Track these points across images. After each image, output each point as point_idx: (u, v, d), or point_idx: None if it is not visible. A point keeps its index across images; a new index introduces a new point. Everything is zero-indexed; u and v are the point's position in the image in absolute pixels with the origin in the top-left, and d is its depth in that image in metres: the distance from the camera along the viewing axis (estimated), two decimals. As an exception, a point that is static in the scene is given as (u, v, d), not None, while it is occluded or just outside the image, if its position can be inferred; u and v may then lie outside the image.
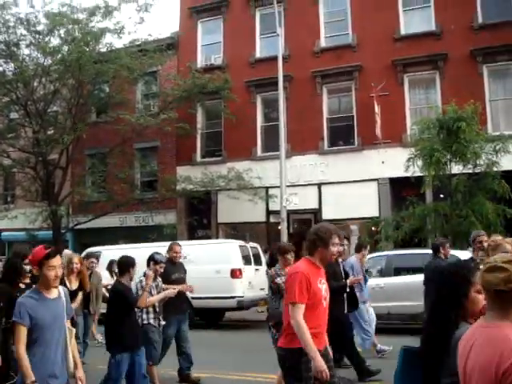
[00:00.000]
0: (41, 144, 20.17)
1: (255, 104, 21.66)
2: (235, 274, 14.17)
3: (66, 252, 11.17)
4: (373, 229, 17.58)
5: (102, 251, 14.59)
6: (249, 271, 14.75)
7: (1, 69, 20.91)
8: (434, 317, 3.09)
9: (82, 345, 9.49)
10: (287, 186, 17.33)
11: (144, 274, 7.22)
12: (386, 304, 11.52)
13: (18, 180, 23.15)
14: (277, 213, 18.08)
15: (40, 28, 20.18)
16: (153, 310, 7.34)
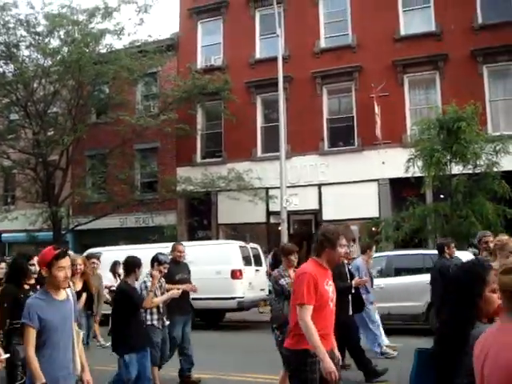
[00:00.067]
0: (41, 145, 20.19)
1: (255, 105, 21.66)
2: (235, 274, 14.16)
3: (69, 253, 11.14)
4: (373, 229, 17.56)
5: (103, 252, 14.60)
6: (249, 272, 14.73)
7: (1, 70, 20.95)
8: (449, 317, 3.07)
9: (86, 346, 9.48)
10: (287, 187, 17.33)
11: (150, 274, 7.21)
12: (387, 304, 11.50)
13: (18, 181, 23.17)
14: (277, 213, 18.07)
15: (40, 29, 20.21)
16: (157, 310, 7.31)
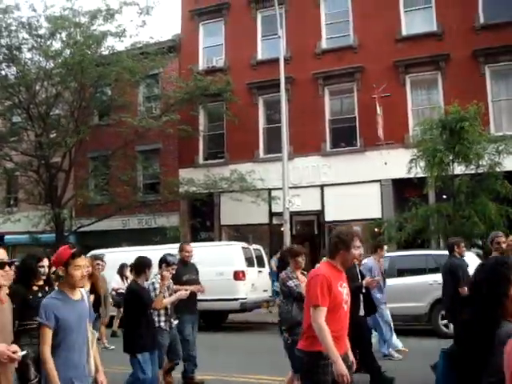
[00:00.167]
0: (43, 147, 20.23)
1: (257, 106, 21.66)
2: (238, 276, 14.18)
3: None
4: (375, 230, 17.53)
5: (105, 254, 14.58)
6: (252, 273, 14.76)
7: (3, 73, 21.00)
8: (474, 317, 3.06)
9: None
10: (290, 188, 17.32)
11: (160, 275, 7.20)
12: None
13: (20, 183, 23.21)
14: (279, 214, 18.09)
15: (42, 32, 20.25)
16: (164, 312, 7.26)
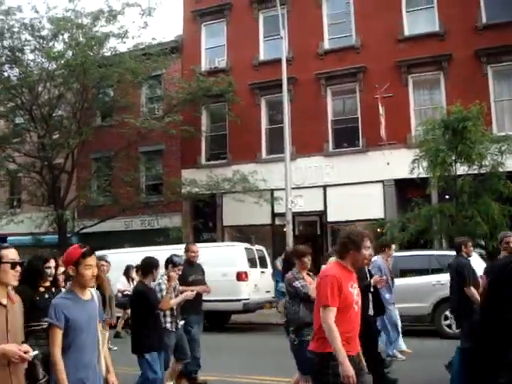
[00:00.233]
0: (46, 148, 20.25)
1: (259, 106, 21.67)
2: (241, 276, 14.18)
3: None
4: (378, 230, 17.52)
5: (108, 255, 14.58)
6: (254, 274, 14.76)
7: (6, 74, 21.03)
8: (491, 316, 3.05)
9: None
10: (292, 189, 17.33)
11: (166, 275, 7.18)
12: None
13: (23, 184, 23.26)
14: (282, 215, 18.08)
15: (44, 33, 20.27)
16: (170, 313, 7.20)
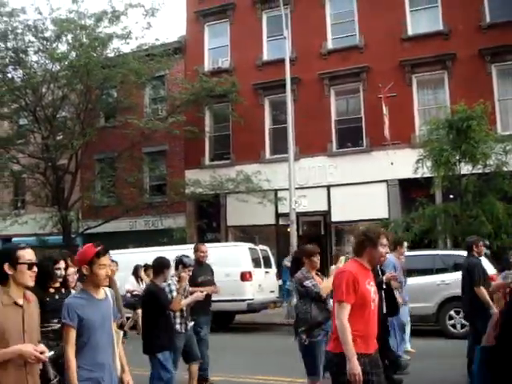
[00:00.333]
0: (50, 149, 20.30)
1: (263, 106, 21.67)
2: (245, 276, 14.18)
3: None
4: (382, 230, 17.48)
5: (113, 255, 14.59)
6: (258, 274, 14.76)
7: (10, 75, 21.06)
8: (505, 317, 3.04)
9: None
10: (296, 189, 17.29)
11: (178, 276, 7.14)
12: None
13: (27, 186, 23.30)
14: (286, 215, 18.07)
15: (48, 34, 20.32)
16: (180, 314, 7.14)
